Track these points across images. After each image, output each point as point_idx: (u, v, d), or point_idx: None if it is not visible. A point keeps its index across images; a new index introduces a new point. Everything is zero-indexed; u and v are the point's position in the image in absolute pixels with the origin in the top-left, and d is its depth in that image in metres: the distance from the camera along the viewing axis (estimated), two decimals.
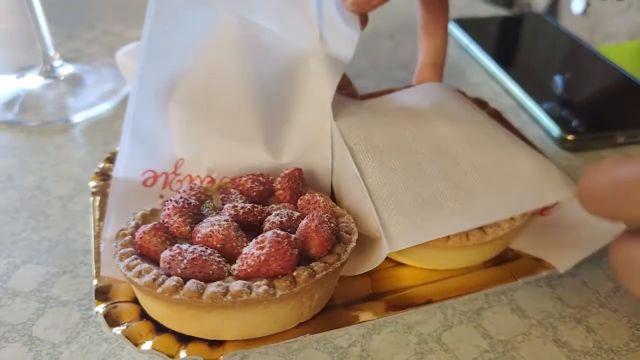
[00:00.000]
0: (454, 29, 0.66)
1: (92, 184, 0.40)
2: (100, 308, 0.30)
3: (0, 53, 0.65)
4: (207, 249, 0.28)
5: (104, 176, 0.40)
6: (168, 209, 0.30)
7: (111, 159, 0.41)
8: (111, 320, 0.29)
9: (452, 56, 0.63)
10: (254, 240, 0.28)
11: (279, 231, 0.27)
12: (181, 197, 0.31)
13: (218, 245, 0.28)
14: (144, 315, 0.30)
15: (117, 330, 0.28)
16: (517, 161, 0.34)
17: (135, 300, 0.31)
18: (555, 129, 0.47)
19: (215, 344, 0.28)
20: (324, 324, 0.30)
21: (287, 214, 0.30)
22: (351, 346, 0.31)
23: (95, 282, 0.32)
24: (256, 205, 0.31)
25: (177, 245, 0.28)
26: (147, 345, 0.28)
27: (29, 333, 0.32)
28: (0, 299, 0.34)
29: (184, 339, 0.29)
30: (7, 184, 0.44)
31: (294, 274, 0.27)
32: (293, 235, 0.28)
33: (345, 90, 0.43)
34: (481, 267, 0.34)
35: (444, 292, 0.32)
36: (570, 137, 0.46)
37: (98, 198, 0.38)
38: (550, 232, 0.34)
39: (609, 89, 0.53)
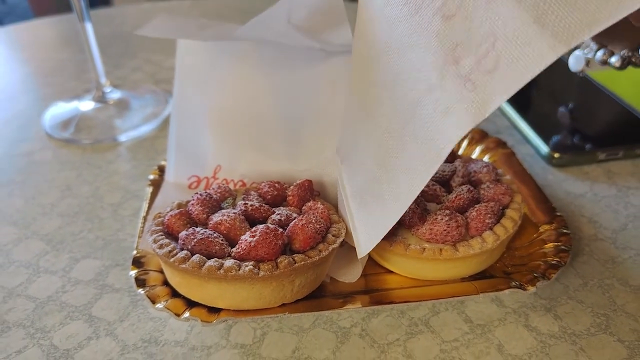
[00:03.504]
0: None
1: (151, 177, 0.49)
2: (134, 272, 0.37)
3: (56, 80, 0.74)
4: (215, 233, 0.35)
5: (162, 172, 0.49)
6: (193, 199, 0.38)
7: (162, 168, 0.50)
8: (140, 282, 0.37)
9: None
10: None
11: (270, 225, 0.34)
12: (206, 192, 0.38)
13: (224, 232, 0.35)
14: (166, 282, 0.37)
15: (141, 290, 0.36)
16: None
17: (162, 271, 0.38)
18: (543, 148, 0.53)
19: (213, 310, 0.35)
20: (304, 307, 0.35)
21: (286, 214, 0.37)
22: (353, 327, 0.37)
23: (134, 252, 0.39)
24: (264, 205, 0.38)
25: (192, 227, 0.35)
26: (161, 304, 0.35)
27: (89, 313, 0.39)
28: (65, 286, 0.41)
29: (191, 304, 0.35)
30: (66, 193, 0.51)
31: (278, 260, 0.34)
32: (280, 230, 0.34)
33: None
34: (457, 280, 0.38)
35: (411, 296, 0.37)
36: (556, 155, 0.52)
37: (151, 188, 0.47)
38: None
39: (593, 109, 0.58)
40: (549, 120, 0.58)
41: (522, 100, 0.61)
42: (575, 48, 0.37)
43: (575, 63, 0.38)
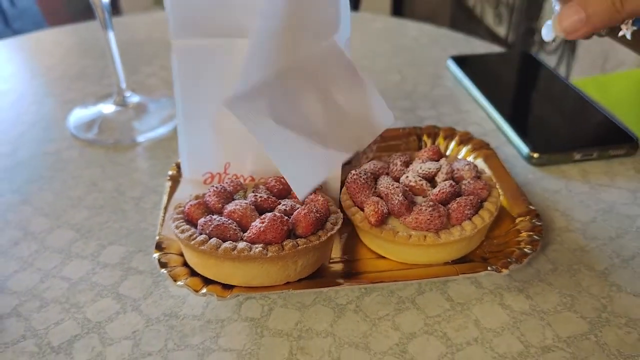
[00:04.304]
0: (451, 65, 0.78)
1: (170, 172, 0.53)
2: (157, 255, 0.42)
3: (78, 85, 0.79)
4: (229, 220, 0.40)
5: (179, 168, 0.53)
6: (210, 191, 0.43)
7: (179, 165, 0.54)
8: (162, 264, 0.42)
9: (448, 87, 0.75)
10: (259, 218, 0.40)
11: (277, 213, 0.39)
12: (221, 185, 0.44)
13: (237, 219, 0.40)
14: (185, 264, 0.42)
15: (164, 270, 0.41)
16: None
17: (181, 254, 0.43)
18: (524, 148, 0.58)
19: (227, 287, 0.40)
20: (306, 286, 0.41)
21: (291, 205, 0.42)
22: (348, 304, 0.42)
23: (157, 237, 0.44)
24: (271, 197, 0.43)
25: (210, 215, 0.40)
26: (181, 282, 0.40)
27: (116, 291, 0.44)
28: (94, 268, 0.46)
29: (207, 282, 0.40)
30: (92, 188, 0.57)
31: (283, 243, 0.39)
32: (286, 218, 0.40)
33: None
34: (441, 264, 0.43)
35: (399, 277, 0.42)
36: (535, 155, 0.57)
37: (170, 183, 0.52)
38: None
39: (571, 114, 0.63)
40: (530, 124, 0.63)
41: (506, 106, 0.66)
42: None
43: (547, 32, 0.40)
